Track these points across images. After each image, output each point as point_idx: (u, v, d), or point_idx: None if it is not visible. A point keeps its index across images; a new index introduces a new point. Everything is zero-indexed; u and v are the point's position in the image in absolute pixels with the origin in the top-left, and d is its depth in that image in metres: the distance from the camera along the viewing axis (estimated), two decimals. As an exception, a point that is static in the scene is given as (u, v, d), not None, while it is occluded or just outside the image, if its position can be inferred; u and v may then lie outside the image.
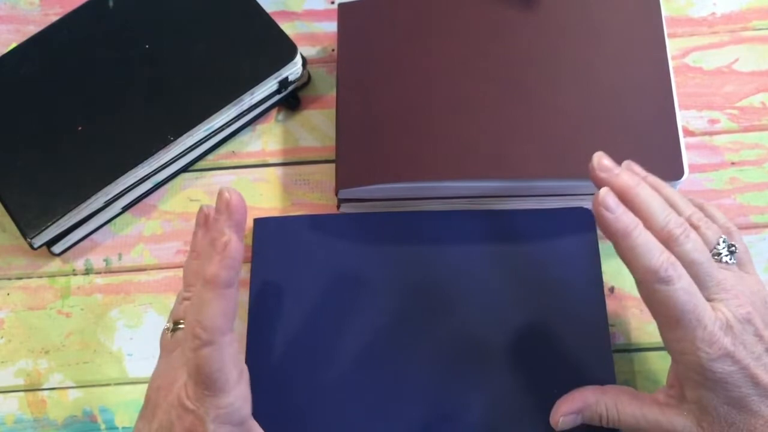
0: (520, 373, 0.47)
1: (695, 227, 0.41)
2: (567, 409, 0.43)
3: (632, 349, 0.49)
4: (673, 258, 0.38)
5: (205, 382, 0.37)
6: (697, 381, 0.38)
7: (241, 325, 0.50)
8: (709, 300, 0.39)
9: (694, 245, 0.39)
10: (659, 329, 0.40)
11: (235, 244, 0.37)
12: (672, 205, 0.41)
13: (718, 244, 0.41)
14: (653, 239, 0.39)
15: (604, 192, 0.39)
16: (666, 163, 0.49)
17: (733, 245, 0.41)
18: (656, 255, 0.38)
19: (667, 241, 0.39)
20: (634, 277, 0.39)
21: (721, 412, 0.38)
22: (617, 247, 0.39)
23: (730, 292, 0.39)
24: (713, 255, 0.40)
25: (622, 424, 0.42)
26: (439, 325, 0.49)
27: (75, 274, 0.54)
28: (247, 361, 0.48)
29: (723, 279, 0.39)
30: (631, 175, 0.41)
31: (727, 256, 0.41)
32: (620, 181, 0.40)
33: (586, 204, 0.51)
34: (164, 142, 0.52)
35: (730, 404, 0.38)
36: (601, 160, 0.41)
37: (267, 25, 0.56)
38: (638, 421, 0.41)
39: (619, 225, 0.39)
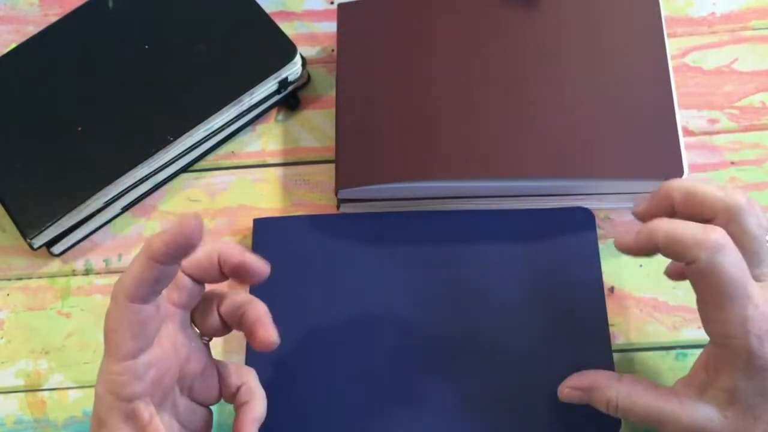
0: (520, 372, 0.47)
1: None
2: (576, 383, 0.42)
3: (632, 349, 0.49)
4: (720, 230, 0.36)
5: (104, 340, 0.36)
6: (739, 367, 0.37)
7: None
8: (757, 281, 0.37)
9: (758, 220, 0.38)
10: (704, 311, 0.38)
11: (187, 230, 0.34)
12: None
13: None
14: (687, 222, 0.37)
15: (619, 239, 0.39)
16: (666, 162, 0.49)
17: None
18: (699, 229, 0.36)
19: (731, 213, 0.37)
20: (685, 261, 0.37)
21: (750, 403, 0.37)
22: (661, 250, 0.37)
23: None
24: None
25: (633, 415, 0.40)
26: (439, 325, 0.48)
27: (75, 275, 0.54)
28: (246, 362, 0.48)
29: None
30: (643, 226, 0.39)
31: None
32: (641, 236, 0.38)
33: (586, 204, 0.51)
34: (164, 143, 0.52)
35: (762, 395, 0.37)
36: (622, 238, 0.40)
37: (267, 25, 0.56)
38: (651, 413, 0.39)
39: (641, 236, 0.38)
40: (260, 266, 0.40)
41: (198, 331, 0.42)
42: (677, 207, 0.39)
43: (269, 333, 0.40)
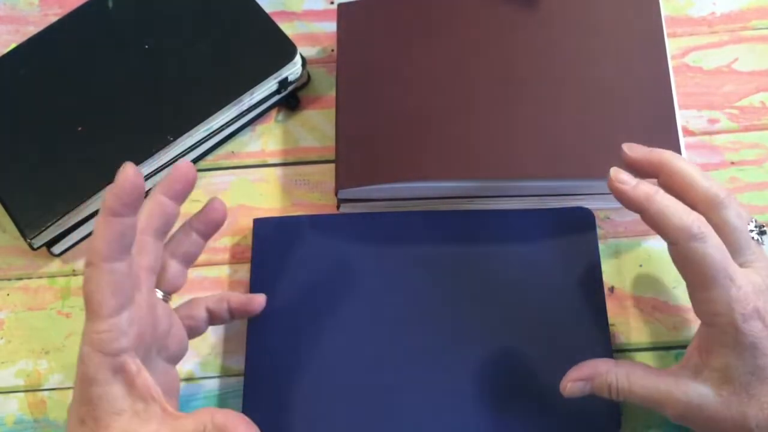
0: (520, 372, 0.47)
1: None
2: (576, 375, 0.43)
3: (632, 349, 0.49)
4: (702, 218, 0.39)
5: (85, 304, 0.38)
6: (728, 345, 0.39)
7: (241, 325, 0.50)
8: (741, 266, 0.40)
9: (737, 211, 0.40)
10: (691, 293, 0.40)
11: (129, 176, 0.37)
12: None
13: (751, 222, 0.42)
14: (679, 202, 0.40)
15: (614, 169, 0.41)
16: (666, 162, 0.49)
17: (763, 227, 0.42)
18: (686, 213, 0.39)
19: (710, 205, 0.40)
20: (666, 239, 0.39)
21: (743, 381, 0.39)
22: (644, 216, 0.40)
23: (762, 262, 0.40)
24: None
25: (632, 395, 0.41)
26: (439, 325, 0.48)
27: (75, 275, 0.54)
28: (247, 361, 0.48)
29: (757, 250, 0.40)
30: (648, 185, 0.41)
31: (758, 235, 0.42)
32: (639, 192, 0.40)
33: (586, 204, 0.51)
34: (164, 143, 0.52)
35: (754, 374, 0.38)
36: (618, 174, 0.41)
37: (267, 25, 0.56)
38: (650, 392, 0.41)
39: (639, 192, 0.40)
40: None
41: (160, 292, 0.44)
42: (663, 180, 0.42)
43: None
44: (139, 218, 0.39)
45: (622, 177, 0.41)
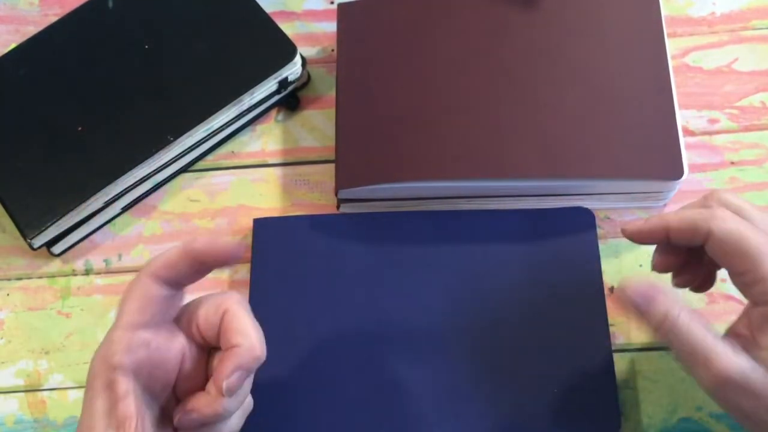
0: (520, 372, 0.47)
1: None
2: (639, 288, 0.40)
3: (632, 349, 0.49)
4: (723, 208, 0.39)
5: (117, 311, 0.38)
6: None
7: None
8: None
9: (737, 199, 0.40)
10: (741, 282, 0.39)
11: (233, 249, 0.38)
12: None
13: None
14: (687, 208, 0.40)
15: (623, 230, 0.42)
16: (666, 162, 0.49)
17: None
18: (706, 208, 0.39)
19: (715, 202, 0.40)
20: (700, 240, 0.39)
21: None
22: (672, 234, 0.40)
23: None
24: None
25: (685, 339, 0.38)
26: (439, 325, 0.49)
27: (75, 275, 0.54)
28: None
29: None
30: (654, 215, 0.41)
31: None
32: (652, 221, 0.41)
33: (586, 204, 0.51)
34: (164, 143, 0.52)
35: None
36: (625, 226, 0.42)
37: (266, 25, 0.55)
38: (703, 346, 0.38)
39: (652, 221, 0.41)
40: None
41: None
42: (673, 234, 0.40)
43: (219, 383, 0.38)
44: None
45: (628, 227, 0.42)
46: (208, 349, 0.41)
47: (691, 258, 0.42)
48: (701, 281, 0.44)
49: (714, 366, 0.37)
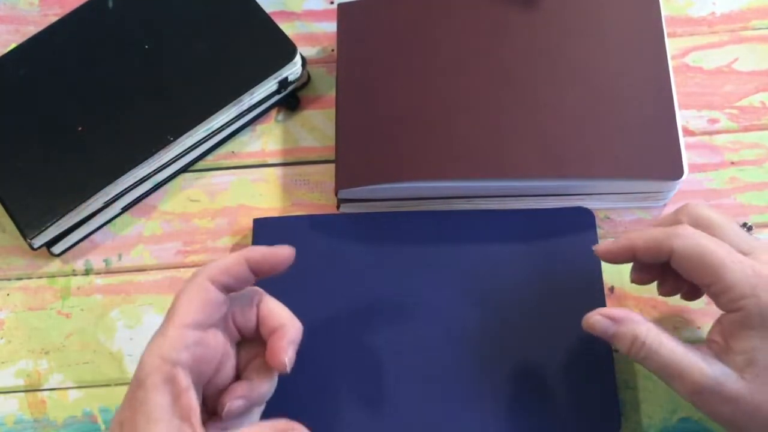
0: (519, 372, 0.47)
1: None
2: (607, 312, 0.42)
3: (632, 349, 0.49)
4: (686, 225, 0.41)
5: (168, 312, 0.40)
6: (754, 326, 0.38)
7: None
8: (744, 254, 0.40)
9: (708, 210, 0.42)
10: (712, 293, 0.40)
11: (288, 255, 0.42)
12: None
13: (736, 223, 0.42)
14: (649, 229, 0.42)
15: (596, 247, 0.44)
16: (666, 162, 0.49)
17: (746, 224, 0.44)
18: (662, 228, 0.41)
19: (680, 218, 0.42)
20: (664, 258, 0.41)
21: (767, 363, 0.38)
22: (639, 254, 0.42)
23: (765, 250, 0.40)
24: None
25: (656, 357, 0.40)
26: (438, 325, 0.49)
27: (75, 275, 0.54)
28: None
29: (756, 241, 0.41)
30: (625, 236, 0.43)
31: (747, 231, 0.43)
32: (621, 240, 0.43)
33: (586, 204, 0.51)
34: (164, 143, 0.52)
35: None
36: (598, 247, 0.44)
37: (266, 25, 0.55)
38: (675, 359, 0.39)
39: (621, 240, 0.43)
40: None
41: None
42: (639, 254, 0.42)
43: (281, 358, 0.41)
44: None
45: (599, 247, 0.44)
46: (236, 345, 0.44)
47: (667, 270, 0.43)
48: (688, 290, 0.45)
49: (687, 378, 0.39)
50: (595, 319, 0.42)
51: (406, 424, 0.46)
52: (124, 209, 0.55)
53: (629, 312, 0.42)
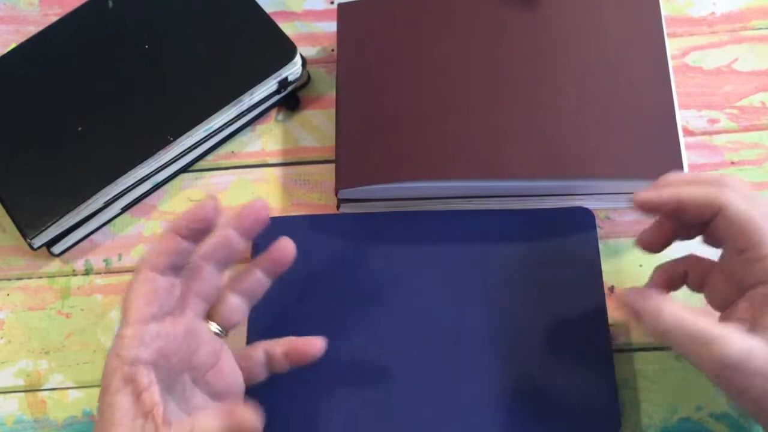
0: (520, 372, 0.47)
1: None
2: (632, 294, 0.41)
3: (632, 349, 0.49)
4: (726, 183, 0.40)
5: (122, 311, 0.39)
6: None
7: (241, 325, 0.50)
8: None
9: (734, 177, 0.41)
10: (739, 259, 0.39)
11: (207, 208, 0.39)
12: None
13: None
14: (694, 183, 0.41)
15: (636, 194, 0.42)
16: (666, 162, 0.49)
17: None
18: (709, 187, 0.39)
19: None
20: (711, 209, 0.39)
21: None
22: (683, 206, 0.40)
23: None
24: None
25: (680, 330, 0.38)
26: (439, 325, 0.49)
27: (75, 275, 0.54)
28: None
29: None
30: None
31: None
32: (665, 190, 0.41)
33: (586, 204, 0.51)
34: (164, 143, 0.52)
35: None
36: (638, 194, 0.42)
37: (266, 25, 0.56)
38: (699, 332, 0.37)
39: (664, 190, 0.41)
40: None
41: (216, 326, 0.44)
42: (683, 208, 0.41)
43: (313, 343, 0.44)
44: (202, 247, 0.41)
45: (640, 195, 0.41)
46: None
47: (672, 237, 0.43)
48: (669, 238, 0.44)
49: (717, 349, 0.37)
50: (627, 298, 0.41)
51: (405, 424, 0.46)
52: (124, 209, 0.55)
53: (650, 290, 0.42)
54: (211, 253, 0.42)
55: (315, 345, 0.44)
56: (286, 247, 0.44)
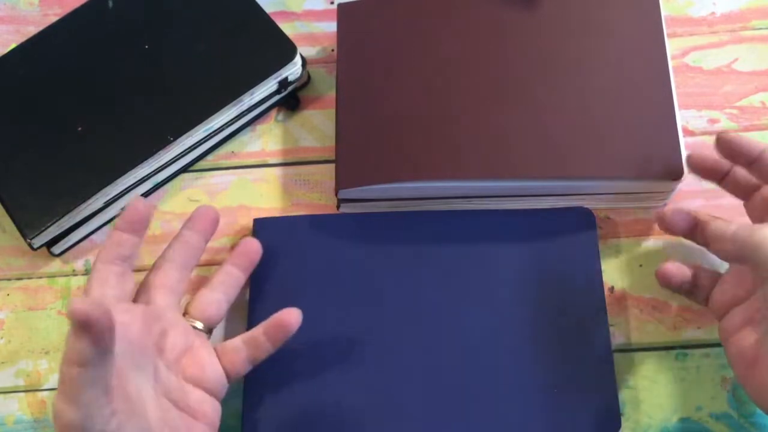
0: (520, 372, 0.47)
1: None
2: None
3: (632, 349, 0.49)
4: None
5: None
6: None
7: (241, 325, 0.50)
8: None
9: None
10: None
11: (138, 207, 0.45)
12: None
13: None
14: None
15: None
16: (666, 162, 0.49)
17: None
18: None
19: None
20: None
21: None
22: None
23: None
24: None
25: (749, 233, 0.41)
26: (439, 325, 0.49)
27: (75, 275, 0.54)
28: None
29: None
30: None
31: None
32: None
33: (586, 204, 0.51)
34: (164, 143, 0.52)
35: None
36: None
37: (267, 25, 0.56)
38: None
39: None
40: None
41: (198, 322, 0.47)
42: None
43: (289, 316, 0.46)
44: (167, 251, 0.47)
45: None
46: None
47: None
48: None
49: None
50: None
51: (405, 424, 0.46)
52: (124, 209, 0.55)
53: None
54: (171, 255, 0.47)
55: (291, 315, 0.45)
56: (252, 245, 0.49)
